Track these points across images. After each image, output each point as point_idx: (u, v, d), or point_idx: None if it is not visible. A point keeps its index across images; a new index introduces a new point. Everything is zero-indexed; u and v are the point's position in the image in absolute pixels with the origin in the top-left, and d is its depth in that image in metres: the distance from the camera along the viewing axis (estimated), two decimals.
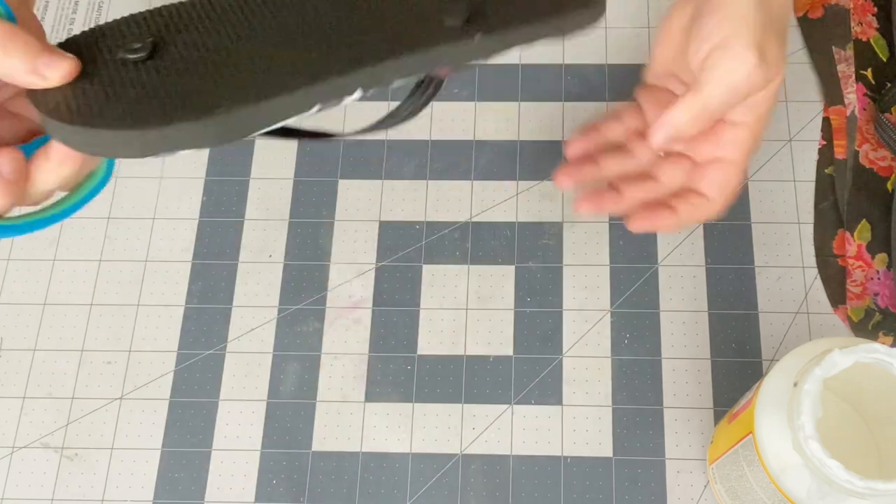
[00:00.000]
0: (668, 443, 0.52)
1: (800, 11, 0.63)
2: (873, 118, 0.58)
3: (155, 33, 0.37)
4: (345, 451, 0.53)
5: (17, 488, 0.53)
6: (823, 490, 0.38)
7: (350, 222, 0.58)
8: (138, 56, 0.35)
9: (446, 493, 0.52)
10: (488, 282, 0.56)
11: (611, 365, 0.54)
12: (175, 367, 0.55)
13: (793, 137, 0.59)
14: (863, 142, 0.58)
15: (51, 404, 0.55)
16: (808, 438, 0.37)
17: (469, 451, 0.53)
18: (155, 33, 0.37)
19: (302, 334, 0.56)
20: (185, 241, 0.58)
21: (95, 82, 0.34)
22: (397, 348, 0.55)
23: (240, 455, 0.53)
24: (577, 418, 0.53)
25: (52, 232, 0.59)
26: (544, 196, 0.58)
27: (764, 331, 0.54)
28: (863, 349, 0.37)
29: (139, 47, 0.35)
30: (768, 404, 0.40)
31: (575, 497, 0.51)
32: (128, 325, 0.56)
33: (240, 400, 0.54)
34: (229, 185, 0.60)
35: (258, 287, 0.57)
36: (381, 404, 0.54)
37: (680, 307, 0.55)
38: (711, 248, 0.57)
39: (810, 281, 0.55)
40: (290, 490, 0.52)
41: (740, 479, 0.44)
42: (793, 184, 0.58)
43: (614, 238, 0.57)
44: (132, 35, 0.37)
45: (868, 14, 0.62)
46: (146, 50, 0.35)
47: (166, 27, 0.37)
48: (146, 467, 0.53)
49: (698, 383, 0.54)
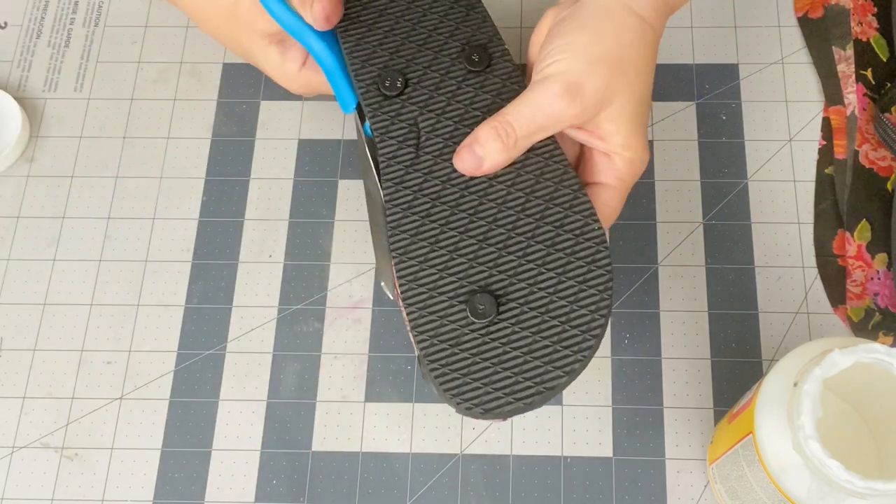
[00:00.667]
0: (668, 443, 0.52)
1: (800, 11, 0.63)
2: (873, 118, 0.58)
3: None
4: (345, 451, 0.53)
5: (17, 488, 0.53)
6: (823, 490, 0.38)
7: (350, 222, 0.58)
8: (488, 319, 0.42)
9: (446, 493, 0.52)
10: None
11: (611, 365, 0.54)
12: (175, 367, 0.55)
13: (793, 137, 0.59)
14: (863, 142, 0.58)
15: (51, 404, 0.55)
16: (808, 438, 0.37)
17: (469, 451, 0.53)
18: None
19: (302, 334, 0.56)
20: (185, 241, 0.58)
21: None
22: (397, 348, 0.55)
23: (240, 455, 0.53)
24: (576, 418, 0.53)
25: (52, 232, 0.59)
26: None
27: (764, 331, 0.54)
28: (863, 349, 0.37)
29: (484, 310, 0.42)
30: (768, 404, 0.40)
31: (575, 497, 0.51)
32: (128, 325, 0.56)
33: (240, 400, 0.54)
34: (229, 185, 0.60)
35: (258, 287, 0.57)
36: (381, 404, 0.54)
37: (680, 307, 0.55)
38: (711, 248, 0.57)
39: (810, 281, 0.55)
40: (290, 490, 0.52)
41: (740, 479, 0.44)
42: (793, 184, 0.58)
43: (614, 238, 0.57)
44: None
45: (868, 14, 0.62)
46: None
47: None
48: (146, 467, 0.53)
49: (698, 383, 0.54)
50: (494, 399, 0.40)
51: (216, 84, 0.63)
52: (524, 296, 0.42)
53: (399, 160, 0.45)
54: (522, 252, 0.42)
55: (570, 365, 0.40)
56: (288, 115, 0.61)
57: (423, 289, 0.42)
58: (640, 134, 0.46)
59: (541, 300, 0.41)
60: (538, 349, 0.41)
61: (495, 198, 0.44)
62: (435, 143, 0.45)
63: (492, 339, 0.41)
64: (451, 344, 0.41)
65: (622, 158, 0.45)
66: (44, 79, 0.63)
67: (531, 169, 0.44)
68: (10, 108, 0.61)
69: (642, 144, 0.46)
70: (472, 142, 0.43)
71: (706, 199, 0.58)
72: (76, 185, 0.60)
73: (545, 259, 0.42)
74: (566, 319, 0.41)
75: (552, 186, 0.44)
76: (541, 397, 0.40)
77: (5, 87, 0.63)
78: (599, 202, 0.46)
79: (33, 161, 0.61)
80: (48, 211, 0.59)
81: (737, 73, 0.61)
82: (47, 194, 0.60)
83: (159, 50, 0.64)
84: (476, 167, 0.43)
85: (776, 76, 0.61)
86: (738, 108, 0.60)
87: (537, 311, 0.41)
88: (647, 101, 0.46)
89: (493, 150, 0.43)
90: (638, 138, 0.45)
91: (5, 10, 0.66)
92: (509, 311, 0.41)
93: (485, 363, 0.41)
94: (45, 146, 0.61)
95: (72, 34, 0.65)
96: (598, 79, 0.43)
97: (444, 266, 0.42)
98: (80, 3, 0.66)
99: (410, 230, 0.43)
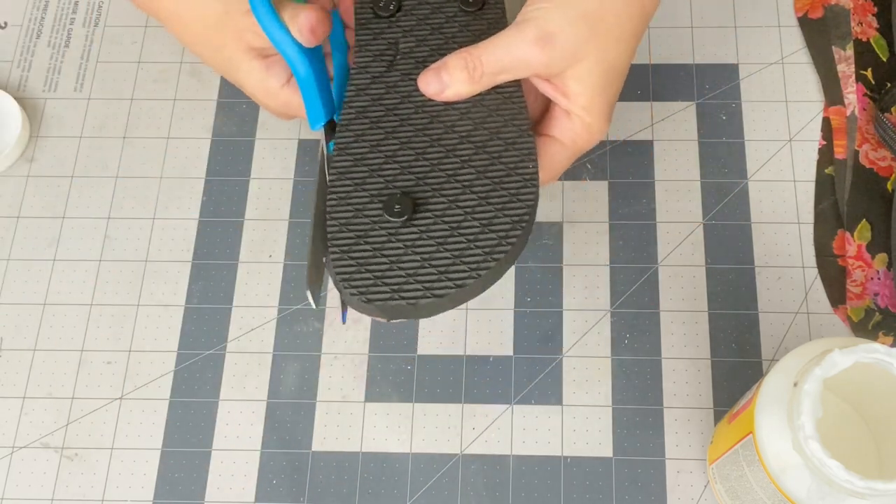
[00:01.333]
0: (668, 443, 0.52)
1: (800, 11, 0.63)
2: (873, 118, 0.58)
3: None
4: (345, 451, 0.53)
5: (17, 488, 0.53)
6: (823, 490, 0.38)
7: None
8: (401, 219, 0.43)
9: (446, 493, 0.52)
10: None
11: (611, 365, 0.54)
12: (175, 367, 0.55)
13: (793, 137, 0.59)
14: (863, 142, 0.58)
15: (51, 404, 0.55)
16: (808, 438, 0.37)
17: (469, 451, 0.53)
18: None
19: (302, 334, 0.56)
20: (185, 241, 0.58)
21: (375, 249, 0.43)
22: (397, 348, 0.55)
23: (240, 455, 0.53)
24: (577, 418, 0.53)
25: (52, 232, 0.59)
26: (544, 196, 0.58)
27: (764, 331, 0.54)
28: (863, 349, 0.37)
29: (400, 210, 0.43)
30: (768, 404, 0.40)
31: (575, 497, 0.51)
32: (128, 325, 0.56)
33: (240, 400, 0.54)
34: (229, 185, 0.60)
35: (258, 287, 0.57)
36: (381, 404, 0.54)
37: (680, 307, 0.55)
38: (711, 248, 0.57)
39: (810, 281, 0.55)
40: (290, 490, 0.52)
41: (740, 479, 0.44)
42: (793, 184, 0.58)
43: (614, 238, 0.57)
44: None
45: (868, 14, 0.62)
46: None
47: None
48: (146, 467, 0.53)
49: (698, 383, 0.54)
50: (381, 292, 0.42)
51: (216, 84, 0.63)
52: (442, 209, 0.43)
53: (369, 71, 0.47)
54: (453, 171, 0.44)
55: (458, 279, 0.42)
56: None
57: (350, 182, 0.44)
58: (605, 102, 0.46)
59: (455, 217, 0.43)
60: (436, 259, 0.42)
61: (445, 120, 0.45)
62: (407, 63, 0.47)
63: (397, 239, 0.43)
64: (358, 234, 0.43)
65: (581, 121, 0.46)
66: (44, 79, 0.63)
67: (488, 103, 0.46)
68: (10, 108, 0.61)
69: (604, 113, 0.46)
70: (441, 67, 0.45)
71: (706, 199, 0.58)
72: (76, 185, 0.60)
73: (472, 182, 0.44)
74: (472, 238, 0.43)
75: (501, 122, 0.45)
76: (427, 302, 0.41)
77: (5, 87, 0.63)
78: (547, 154, 0.46)
79: (33, 161, 0.61)
80: (48, 211, 0.59)
81: (737, 73, 0.61)
82: (47, 194, 0.60)
83: (159, 50, 0.64)
84: (438, 91, 0.45)
85: (776, 76, 0.61)
86: (738, 108, 0.60)
87: (448, 225, 0.43)
88: (618, 71, 0.46)
89: (457, 80, 0.44)
90: (601, 105, 0.45)
91: (5, 10, 0.66)
92: (423, 219, 0.43)
93: (383, 258, 0.42)
94: (45, 146, 0.61)
95: (72, 34, 0.65)
96: (573, 34, 0.43)
97: (377, 167, 0.45)
98: (80, 3, 0.66)
99: (357, 130, 0.46)
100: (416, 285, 0.42)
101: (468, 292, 0.42)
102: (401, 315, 0.42)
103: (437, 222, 0.43)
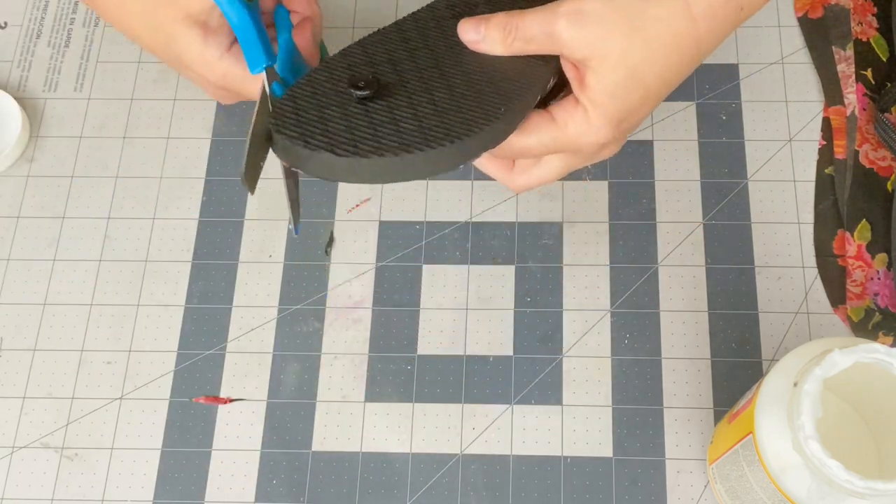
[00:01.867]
0: (668, 443, 0.52)
1: (800, 11, 0.63)
2: (873, 118, 0.58)
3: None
4: (345, 451, 0.53)
5: (17, 488, 0.53)
6: (823, 490, 0.38)
7: (350, 222, 0.58)
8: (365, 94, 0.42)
9: (446, 493, 0.52)
10: (488, 282, 0.56)
11: (611, 365, 0.54)
12: (175, 367, 0.55)
13: (793, 137, 0.59)
14: (863, 142, 0.58)
15: (51, 404, 0.55)
16: (808, 438, 0.37)
17: (469, 451, 0.53)
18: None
19: (302, 334, 0.56)
20: (185, 241, 0.58)
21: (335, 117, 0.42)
22: (397, 348, 0.55)
23: (240, 455, 0.53)
24: (577, 418, 0.53)
25: (52, 232, 0.59)
26: (544, 196, 0.58)
27: (764, 331, 0.54)
28: (863, 349, 0.37)
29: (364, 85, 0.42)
30: (768, 404, 0.40)
31: (575, 497, 0.51)
32: (128, 325, 0.56)
33: (240, 400, 0.54)
34: (229, 185, 0.60)
35: (258, 287, 0.57)
36: (381, 404, 0.54)
37: (680, 307, 0.55)
38: (711, 248, 0.57)
39: (810, 281, 0.55)
40: (290, 490, 0.52)
41: (740, 479, 0.44)
42: (793, 184, 0.58)
43: (614, 238, 0.57)
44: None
45: (868, 14, 0.62)
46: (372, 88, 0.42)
47: None
48: (146, 467, 0.53)
49: (698, 383, 0.54)
50: (309, 138, 0.40)
51: None
52: (404, 100, 0.42)
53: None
54: (445, 85, 0.44)
55: (395, 147, 0.41)
56: None
57: (341, 55, 0.44)
58: (617, 108, 0.44)
59: (415, 105, 0.42)
60: (384, 128, 0.41)
61: (458, 47, 0.45)
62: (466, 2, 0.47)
63: (351, 107, 0.42)
64: (314, 89, 0.42)
65: (584, 113, 0.44)
66: (44, 79, 0.63)
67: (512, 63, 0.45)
68: (10, 108, 0.61)
69: (612, 118, 0.44)
70: (483, 21, 0.45)
71: (706, 199, 0.58)
72: (76, 185, 0.60)
73: (452, 95, 0.43)
74: (422, 125, 0.42)
75: (512, 70, 0.45)
76: (348, 159, 0.40)
77: (5, 87, 0.63)
78: (532, 123, 0.45)
79: (33, 161, 0.61)
80: (48, 211, 0.59)
81: (737, 73, 0.61)
82: (47, 194, 0.60)
83: None
84: (474, 41, 0.45)
85: (776, 76, 0.61)
86: (738, 108, 0.60)
87: (405, 111, 0.42)
88: (644, 83, 0.44)
89: (492, 39, 0.45)
90: (613, 109, 0.44)
91: (5, 10, 0.66)
92: (384, 104, 0.42)
93: (328, 112, 0.42)
94: (45, 146, 0.61)
95: (72, 34, 0.65)
96: (607, 23, 0.42)
97: (370, 54, 0.44)
98: (80, 3, 0.66)
99: (379, 30, 0.46)
100: (345, 145, 0.40)
101: (401, 164, 0.41)
102: (317, 165, 0.41)
103: (395, 106, 0.42)
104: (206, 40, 0.49)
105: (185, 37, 0.49)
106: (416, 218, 0.58)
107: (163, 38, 0.50)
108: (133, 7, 0.50)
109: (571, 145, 0.45)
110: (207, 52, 0.49)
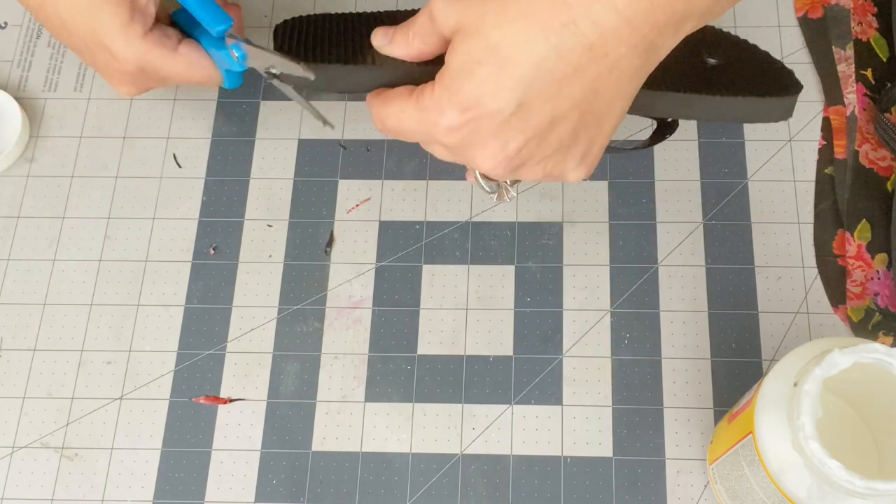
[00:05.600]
0: (668, 443, 0.52)
1: (800, 11, 0.63)
2: (873, 118, 0.58)
3: None
4: (345, 451, 0.53)
5: (17, 488, 0.53)
6: (823, 490, 0.38)
7: (350, 222, 0.58)
8: None
9: (446, 493, 0.52)
10: (488, 282, 0.56)
11: (611, 365, 0.54)
12: (175, 367, 0.55)
13: (793, 137, 0.59)
14: (863, 142, 0.58)
15: (51, 404, 0.55)
16: (808, 438, 0.37)
17: (469, 451, 0.53)
18: None
19: (302, 334, 0.56)
20: (185, 241, 0.58)
21: None
22: (397, 348, 0.55)
23: (240, 455, 0.53)
24: (577, 418, 0.53)
25: (52, 232, 0.59)
26: (544, 196, 0.58)
27: (764, 331, 0.54)
28: (863, 349, 0.37)
29: None
30: (768, 404, 0.40)
31: (575, 497, 0.51)
32: (128, 325, 0.56)
33: (240, 400, 0.54)
34: (229, 185, 0.60)
35: (258, 287, 0.57)
36: (381, 404, 0.54)
37: (680, 307, 0.55)
38: (711, 248, 0.57)
39: (810, 281, 0.55)
40: (290, 490, 0.52)
41: (740, 479, 0.44)
42: (793, 184, 0.58)
43: (614, 238, 0.57)
44: None
45: (868, 14, 0.62)
46: None
47: None
48: (146, 467, 0.53)
49: (698, 383, 0.54)
50: (313, 46, 0.48)
51: None
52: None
53: None
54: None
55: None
56: (288, 115, 0.61)
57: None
58: (461, 85, 0.41)
59: None
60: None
61: None
62: None
63: (347, 21, 0.50)
64: (314, 22, 0.50)
65: (430, 88, 0.43)
66: (44, 79, 0.63)
67: None
68: (10, 108, 0.61)
69: (452, 104, 0.42)
70: (392, 27, 0.47)
71: (706, 199, 0.58)
72: (76, 185, 0.60)
73: None
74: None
75: None
76: (346, 68, 0.47)
77: (5, 87, 0.63)
78: (401, 91, 0.45)
79: (33, 161, 0.61)
80: (48, 211, 0.59)
81: None
82: (47, 194, 0.60)
83: None
84: (380, 46, 0.47)
85: None
86: None
87: None
88: (499, 55, 0.40)
89: (397, 41, 0.46)
90: (454, 90, 0.42)
91: (5, 10, 0.66)
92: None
93: (322, 44, 0.48)
94: (45, 146, 0.61)
95: None
96: (480, 3, 0.41)
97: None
98: None
99: None
100: (348, 51, 0.47)
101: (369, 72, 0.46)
102: (292, 74, 0.47)
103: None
104: (133, 16, 0.49)
105: (111, 11, 0.49)
106: (416, 218, 0.58)
107: (85, 12, 0.50)
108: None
109: (423, 120, 0.44)
110: (131, 28, 0.49)
